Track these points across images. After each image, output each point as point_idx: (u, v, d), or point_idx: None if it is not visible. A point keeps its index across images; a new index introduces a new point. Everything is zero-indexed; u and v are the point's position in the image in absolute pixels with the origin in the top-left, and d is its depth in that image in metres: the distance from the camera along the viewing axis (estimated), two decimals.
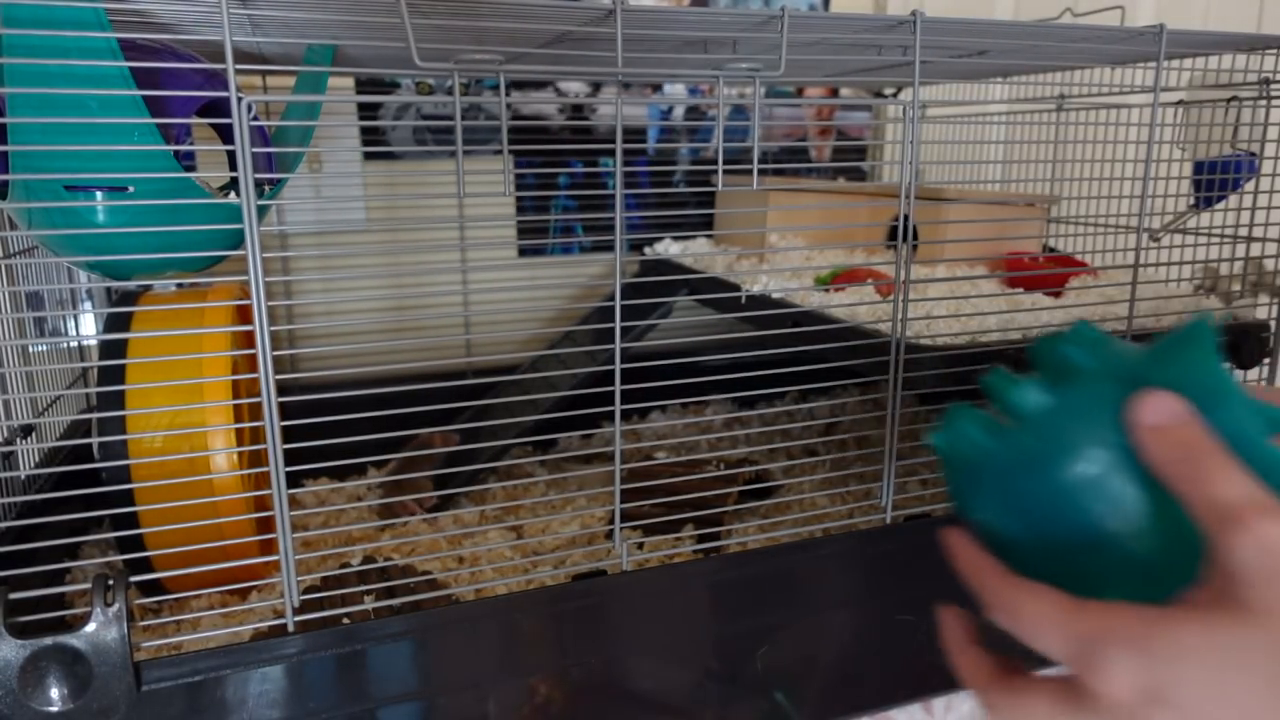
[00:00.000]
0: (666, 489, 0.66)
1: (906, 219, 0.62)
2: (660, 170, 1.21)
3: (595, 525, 0.79)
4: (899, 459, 0.66)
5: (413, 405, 0.52)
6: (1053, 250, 1.03)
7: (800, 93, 1.25)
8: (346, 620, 0.53)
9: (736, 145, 1.19)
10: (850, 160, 1.32)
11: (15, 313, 0.73)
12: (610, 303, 0.58)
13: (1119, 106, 0.77)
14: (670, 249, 1.09)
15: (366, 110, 1.06)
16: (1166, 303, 0.84)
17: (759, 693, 0.64)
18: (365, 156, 1.07)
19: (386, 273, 1.07)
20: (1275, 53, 0.76)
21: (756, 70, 0.58)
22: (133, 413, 0.60)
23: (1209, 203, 0.89)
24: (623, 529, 0.63)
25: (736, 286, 0.88)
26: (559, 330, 1.13)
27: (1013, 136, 1.14)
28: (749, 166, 0.57)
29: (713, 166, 0.58)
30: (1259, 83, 0.79)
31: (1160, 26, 0.66)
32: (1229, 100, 0.85)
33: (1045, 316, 0.77)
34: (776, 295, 0.83)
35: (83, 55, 0.49)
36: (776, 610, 0.63)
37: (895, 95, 1.24)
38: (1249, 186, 0.84)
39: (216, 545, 0.57)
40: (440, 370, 1.06)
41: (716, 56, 0.68)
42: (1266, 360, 0.81)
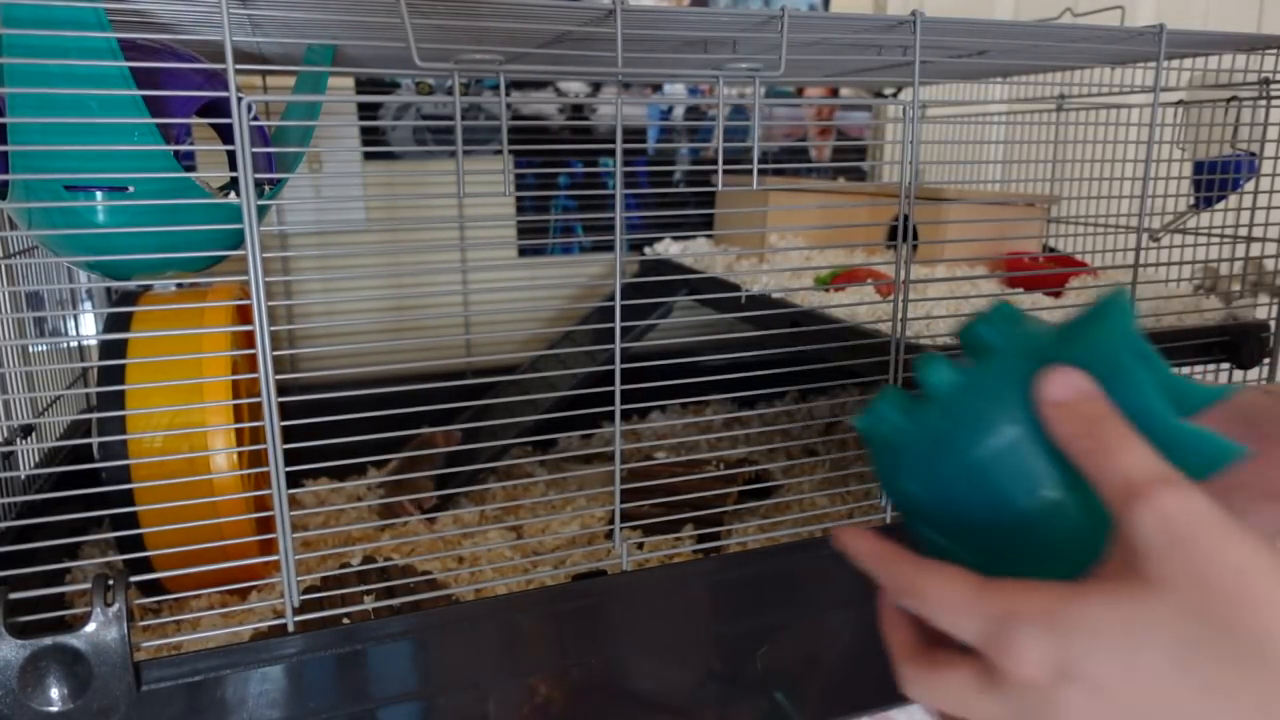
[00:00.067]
0: (666, 489, 0.66)
1: (906, 219, 0.62)
2: (660, 170, 1.21)
3: (595, 525, 0.79)
4: None
5: (413, 405, 0.52)
6: (1053, 250, 1.03)
7: (800, 93, 1.25)
8: (346, 620, 0.53)
9: (736, 145, 1.19)
10: (850, 160, 1.32)
11: (15, 313, 0.73)
12: (610, 303, 0.58)
13: (1119, 106, 0.77)
14: (670, 249, 1.09)
15: (366, 110, 1.07)
16: (1167, 303, 0.84)
17: (759, 693, 0.64)
18: (365, 156, 1.07)
19: (386, 273, 1.07)
20: (1275, 53, 0.76)
21: (756, 70, 0.58)
22: (133, 413, 0.60)
23: (1209, 203, 0.89)
24: (623, 529, 0.63)
25: (736, 286, 0.88)
26: (559, 330, 1.13)
27: (1013, 136, 1.14)
28: (749, 166, 0.57)
29: (713, 166, 0.58)
30: (1259, 83, 0.79)
31: (1160, 26, 0.66)
32: (1229, 100, 0.85)
33: (1045, 316, 0.77)
34: (776, 295, 0.83)
35: (83, 55, 0.49)
36: (776, 610, 0.63)
37: (895, 95, 1.24)
38: (1249, 186, 0.84)
39: (216, 545, 0.56)
40: (440, 370, 1.06)
41: (716, 56, 0.68)
42: (1266, 360, 0.81)
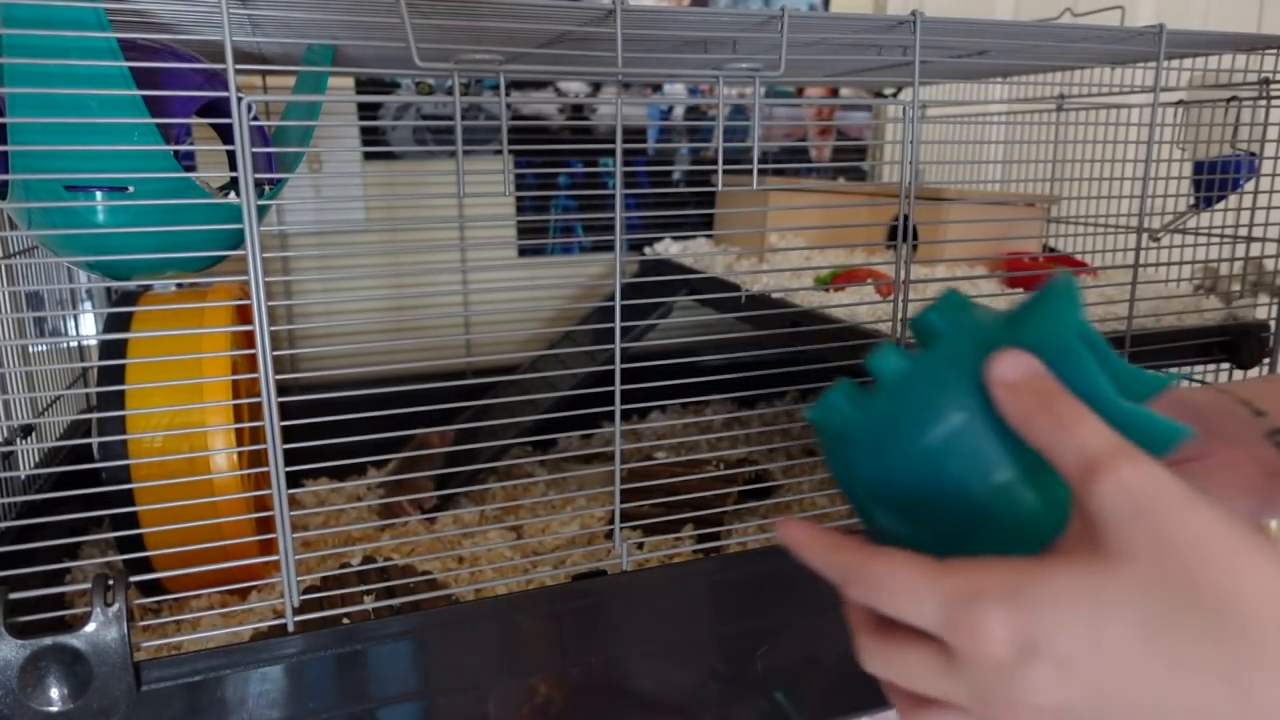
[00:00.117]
0: (666, 489, 0.66)
1: (906, 219, 0.62)
2: (659, 170, 1.21)
3: (595, 525, 0.79)
4: None
5: (413, 405, 0.52)
6: (1053, 250, 1.03)
7: (800, 93, 1.25)
8: (346, 620, 0.53)
9: (736, 145, 1.19)
10: (850, 160, 1.32)
11: (15, 313, 0.73)
12: (610, 303, 0.58)
13: (1119, 106, 0.77)
14: (670, 249, 1.09)
15: (366, 110, 1.07)
16: (1166, 303, 0.84)
17: (759, 693, 0.64)
18: (365, 156, 1.07)
19: (386, 273, 1.07)
20: (1275, 53, 0.76)
21: (756, 70, 0.58)
22: (133, 413, 0.60)
23: (1209, 203, 0.89)
24: (623, 529, 0.63)
25: (736, 286, 0.88)
26: (559, 330, 1.13)
27: (1013, 136, 1.14)
28: (749, 166, 0.57)
29: (713, 167, 0.58)
30: (1259, 83, 0.79)
31: (1160, 26, 0.66)
32: (1229, 100, 0.85)
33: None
34: (776, 295, 0.83)
35: (83, 55, 0.49)
36: (776, 610, 0.63)
37: (895, 95, 1.24)
38: (1249, 186, 0.84)
39: (216, 545, 0.57)
40: (440, 370, 1.06)
41: (716, 56, 0.68)
42: (1266, 360, 0.81)
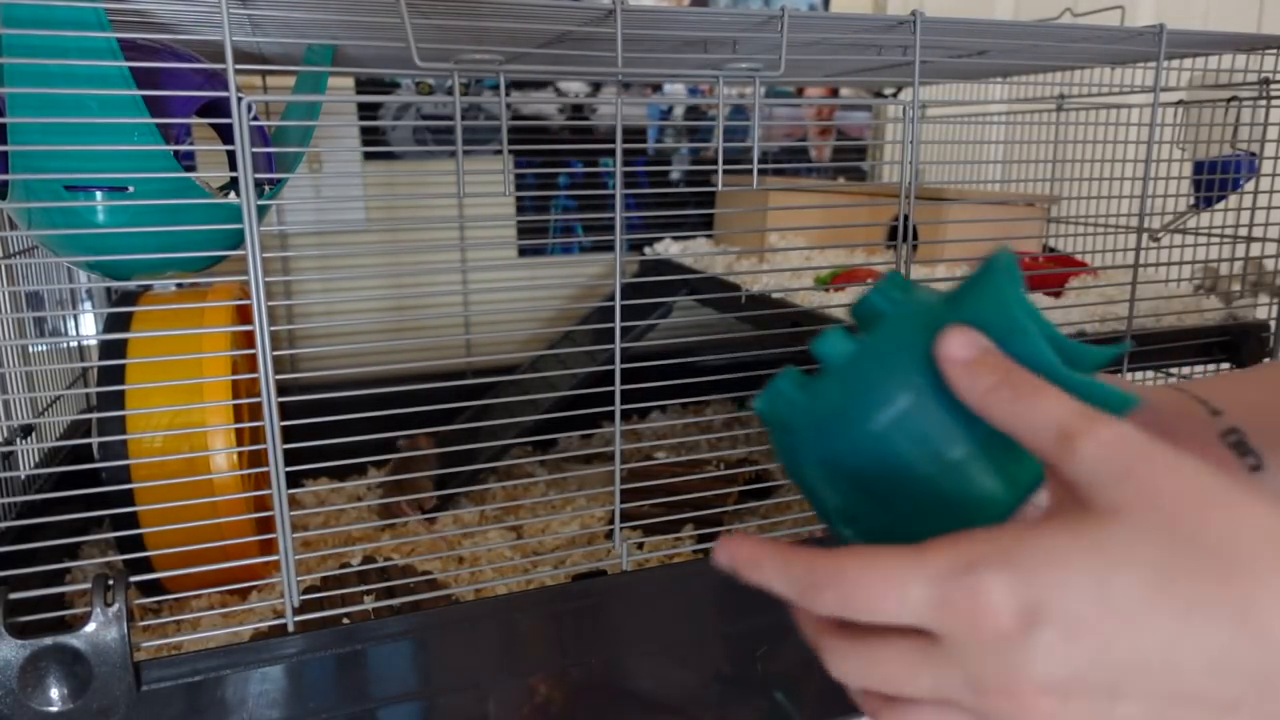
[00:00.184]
0: (666, 489, 0.66)
1: (906, 219, 0.62)
2: (659, 170, 1.21)
3: (595, 525, 0.79)
4: None
5: (413, 405, 0.52)
6: (1053, 250, 1.03)
7: (800, 93, 1.25)
8: (346, 620, 0.53)
9: (736, 145, 1.19)
10: (850, 160, 1.32)
11: (15, 313, 0.73)
12: (610, 303, 0.58)
13: (1119, 106, 0.77)
14: (670, 249, 1.09)
15: (366, 110, 1.07)
16: (1166, 303, 0.84)
17: (759, 693, 0.64)
18: (365, 156, 1.07)
19: (386, 273, 1.07)
20: (1275, 53, 0.76)
21: (756, 70, 0.58)
22: (133, 413, 0.60)
23: (1209, 203, 0.89)
24: (623, 529, 0.63)
25: (736, 286, 0.88)
26: (559, 330, 1.13)
27: (1013, 136, 1.14)
28: (749, 166, 0.57)
29: (713, 167, 0.58)
30: (1259, 83, 0.79)
31: (1160, 26, 0.66)
32: (1229, 100, 0.85)
33: (1045, 316, 0.77)
34: (776, 295, 0.83)
35: (83, 55, 0.49)
36: (776, 610, 0.62)
37: (895, 95, 1.24)
38: (1249, 186, 0.84)
39: (216, 545, 0.57)
40: (440, 370, 1.06)
41: (716, 56, 0.68)
42: (1266, 360, 0.81)
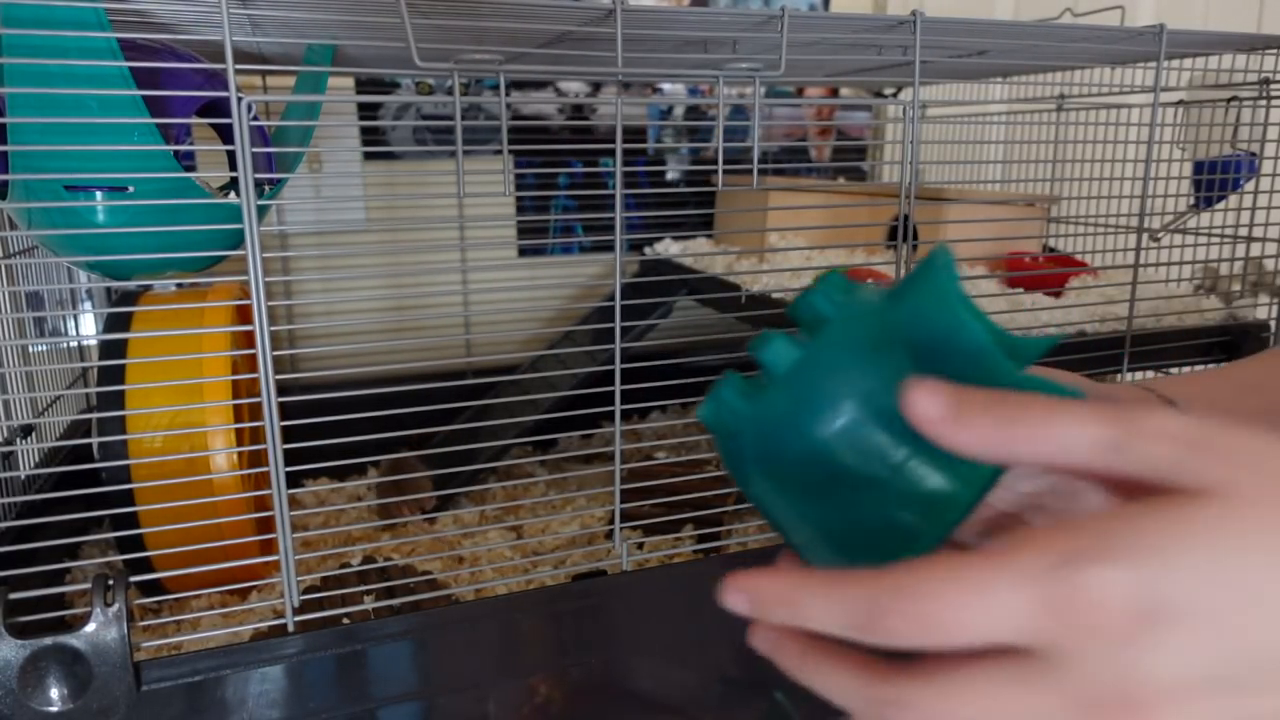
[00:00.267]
0: (666, 489, 0.66)
1: (906, 219, 0.62)
2: (658, 170, 1.21)
3: (595, 525, 0.79)
4: None
5: (413, 405, 0.52)
6: (1053, 250, 1.03)
7: (800, 93, 1.25)
8: (346, 620, 0.53)
9: (736, 145, 1.19)
10: (850, 160, 1.32)
11: (15, 313, 0.73)
12: (610, 303, 0.58)
13: (1119, 106, 0.77)
14: (670, 249, 1.09)
15: (366, 110, 1.07)
16: (1166, 303, 0.84)
17: (759, 693, 0.64)
18: (365, 156, 1.07)
19: (386, 273, 1.07)
20: (1275, 53, 0.76)
21: (756, 70, 0.58)
22: (133, 413, 0.60)
23: (1209, 203, 0.89)
24: (623, 529, 0.63)
25: (736, 286, 0.88)
26: (559, 330, 1.13)
27: (1013, 136, 1.14)
28: (749, 166, 0.57)
29: (713, 167, 0.58)
30: (1259, 83, 0.79)
31: (1160, 26, 0.66)
32: (1229, 100, 0.85)
33: (1045, 316, 0.77)
34: (776, 295, 0.83)
35: (83, 55, 0.49)
36: None
37: (895, 95, 1.24)
38: (1249, 186, 0.84)
39: (216, 545, 0.56)
40: (440, 370, 1.06)
41: (716, 56, 0.68)
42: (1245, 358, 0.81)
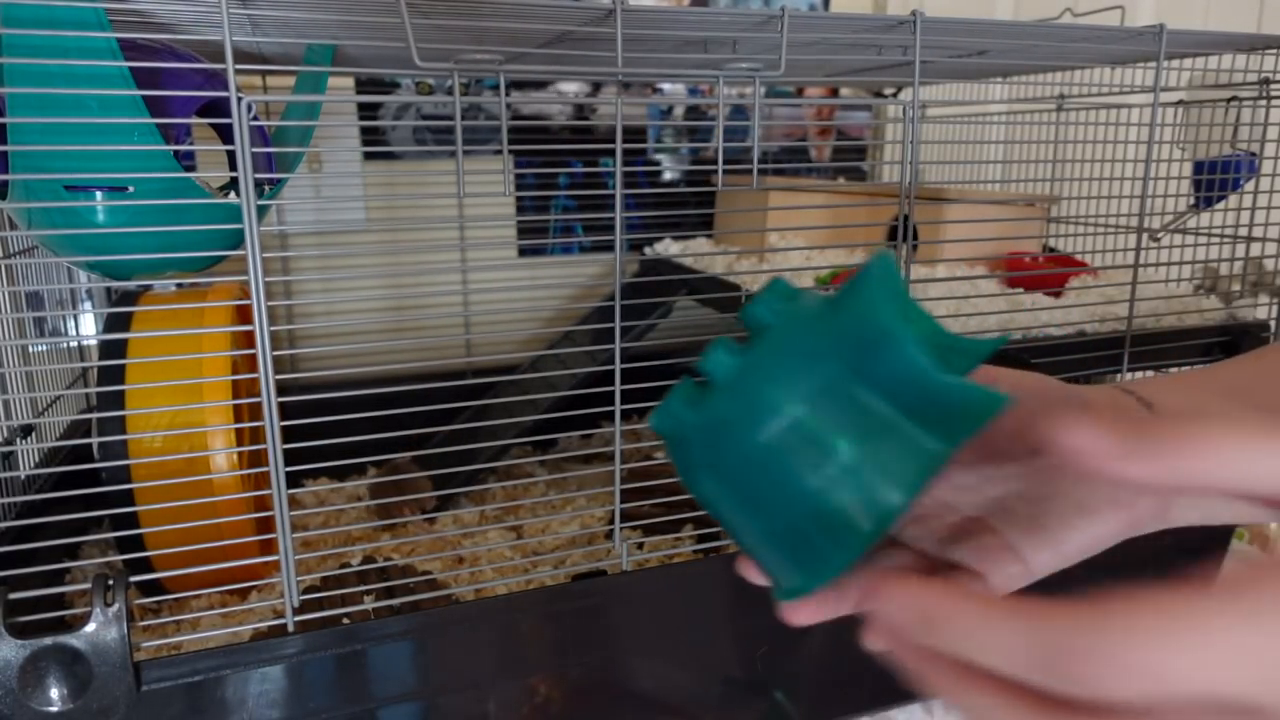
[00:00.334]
0: (666, 489, 0.66)
1: (906, 219, 0.62)
2: (653, 170, 1.21)
3: (595, 525, 0.79)
4: None
5: (413, 405, 0.52)
6: (1053, 250, 1.03)
7: (800, 93, 1.25)
8: (346, 620, 0.53)
9: (736, 145, 1.19)
10: (850, 160, 1.32)
11: (15, 313, 0.73)
12: (610, 303, 0.58)
13: (1119, 106, 0.77)
14: (670, 249, 1.09)
15: (366, 110, 1.06)
16: (1166, 303, 0.84)
17: (759, 693, 0.64)
18: (365, 156, 1.07)
19: (386, 273, 1.07)
20: (1275, 53, 0.76)
21: (756, 70, 0.58)
22: (133, 413, 0.60)
23: (1209, 203, 0.89)
24: (623, 529, 0.63)
25: (736, 286, 0.88)
26: (559, 330, 1.13)
27: (1013, 136, 1.14)
28: (749, 166, 0.57)
29: (713, 167, 0.58)
30: (1259, 83, 0.79)
31: (1160, 26, 0.66)
32: (1229, 100, 0.85)
33: (1045, 316, 0.77)
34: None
35: (83, 55, 0.49)
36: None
37: (895, 95, 1.24)
38: (1249, 186, 0.84)
39: (216, 545, 0.56)
40: (440, 370, 1.06)
41: (716, 56, 0.68)
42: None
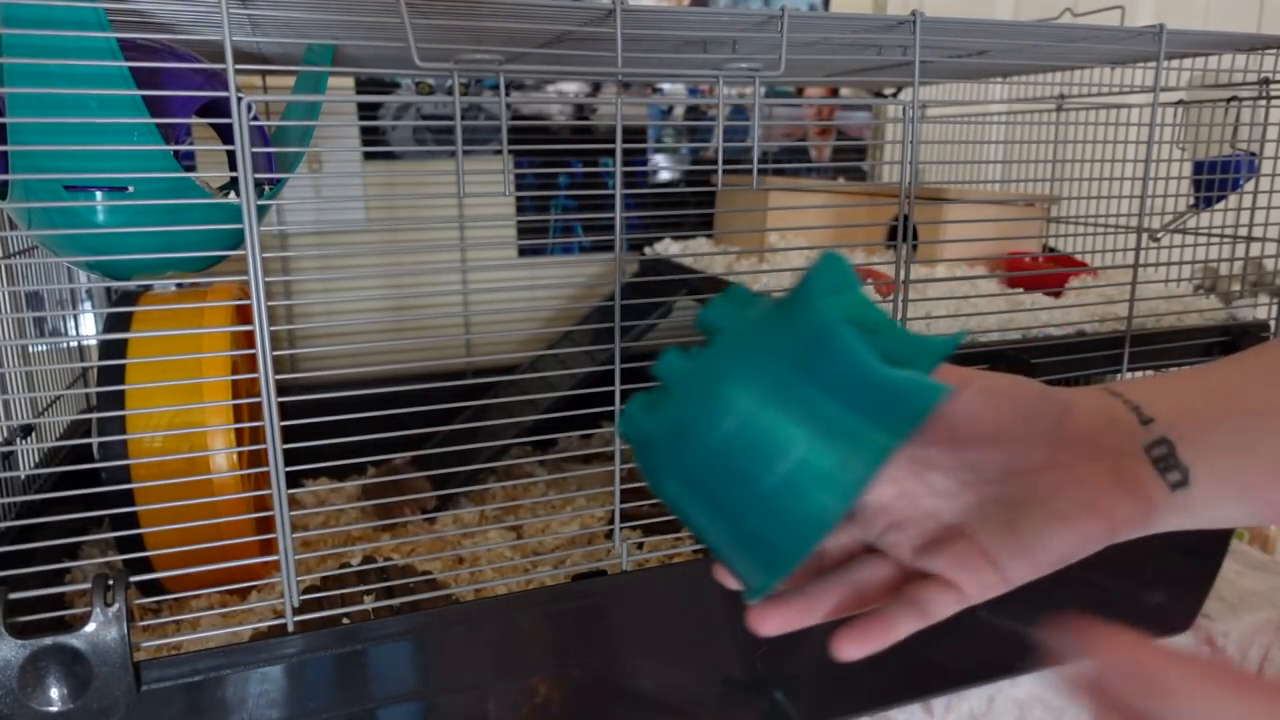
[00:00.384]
0: None
1: (906, 219, 0.62)
2: (651, 170, 1.21)
3: (595, 525, 0.79)
4: None
5: (413, 405, 0.52)
6: (1053, 250, 1.03)
7: (800, 93, 1.25)
8: (346, 620, 0.53)
9: (736, 145, 1.19)
10: (850, 160, 1.32)
11: (15, 313, 0.73)
12: (610, 303, 0.58)
13: (1119, 106, 0.77)
14: (670, 249, 1.09)
15: (366, 110, 1.06)
16: (1166, 303, 0.84)
17: (759, 693, 0.64)
18: (365, 156, 1.07)
19: (386, 273, 1.07)
20: (1275, 53, 0.76)
21: (756, 70, 0.58)
22: (133, 413, 0.60)
23: (1209, 203, 0.89)
24: (623, 529, 0.63)
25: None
26: (559, 330, 1.13)
27: (1013, 136, 1.14)
28: (749, 166, 0.57)
29: (713, 166, 0.58)
30: (1259, 83, 0.79)
31: (1160, 26, 0.66)
32: (1229, 100, 0.85)
33: (1045, 316, 0.77)
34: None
35: (83, 55, 0.49)
36: None
37: (895, 95, 1.24)
38: (1249, 186, 0.84)
39: (216, 545, 0.56)
40: (440, 370, 1.06)
41: (716, 56, 0.68)
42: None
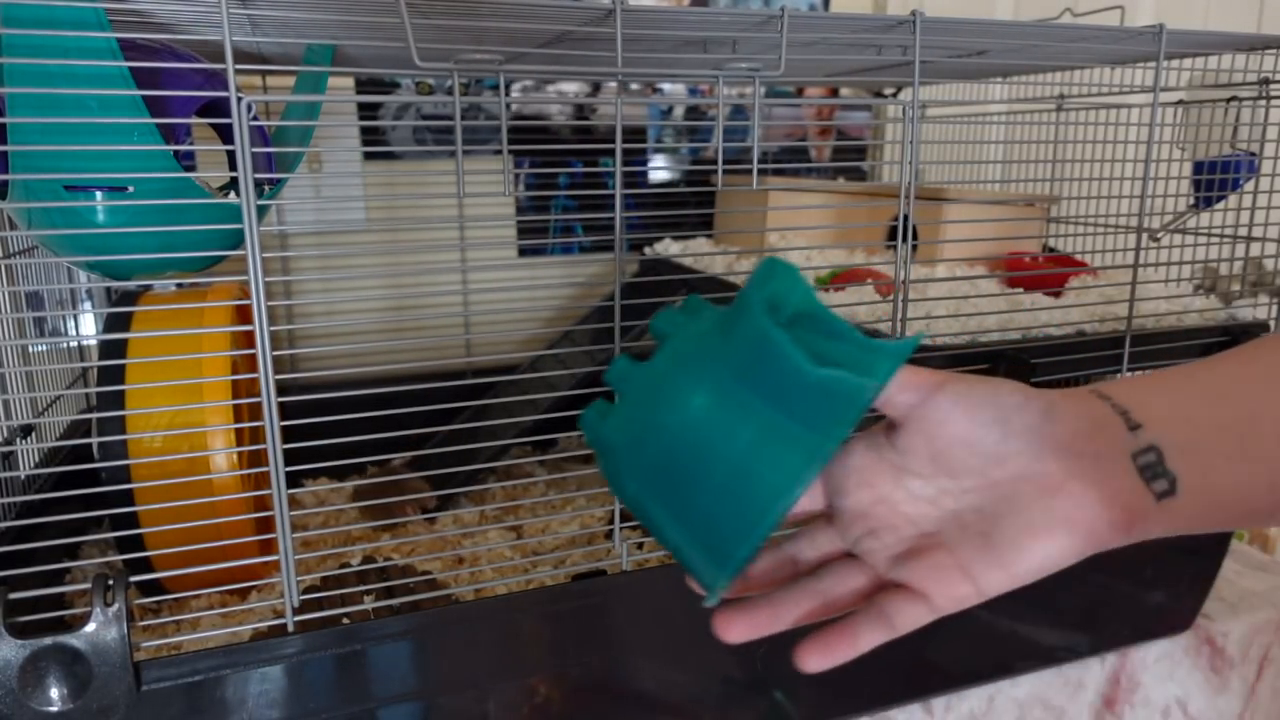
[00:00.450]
0: None
1: (906, 219, 0.62)
2: (650, 170, 1.21)
3: (595, 525, 0.79)
4: None
5: (413, 405, 0.52)
6: (1053, 250, 1.03)
7: (800, 93, 1.25)
8: (346, 620, 0.53)
9: (736, 145, 1.19)
10: (850, 160, 1.32)
11: (15, 313, 0.73)
12: (610, 302, 0.58)
13: (1119, 106, 0.77)
14: (670, 249, 1.09)
15: (366, 110, 1.06)
16: (1167, 303, 0.84)
17: (759, 693, 0.64)
18: (365, 156, 1.07)
19: (386, 273, 1.07)
20: (1275, 53, 0.76)
21: (756, 70, 0.58)
22: (133, 413, 0.60)
23: (1209, 203, 0.89)
24: (623, 529, 0.63)
25: (736, 286, 0.88)
26: (558, 330, 1.13)
27: (1013, 136, 1.14)
28: (749, 166, 0.57)
29: (713, 166, 0.58)
30: (1259, 83, 0.79)
31: (1160, 26, 0.66)
32: (1229, 100, 0.85)
33: (1045, 316, 0.77)
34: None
35: (83, 55, 0.49)
36: None
37: (895, 95, 1.24)
38: (1249, 186, 0.84)
39: (216, 545, 0.56)
40: (440, 370, 1.06)
41: (716, 56, 0.68)
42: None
